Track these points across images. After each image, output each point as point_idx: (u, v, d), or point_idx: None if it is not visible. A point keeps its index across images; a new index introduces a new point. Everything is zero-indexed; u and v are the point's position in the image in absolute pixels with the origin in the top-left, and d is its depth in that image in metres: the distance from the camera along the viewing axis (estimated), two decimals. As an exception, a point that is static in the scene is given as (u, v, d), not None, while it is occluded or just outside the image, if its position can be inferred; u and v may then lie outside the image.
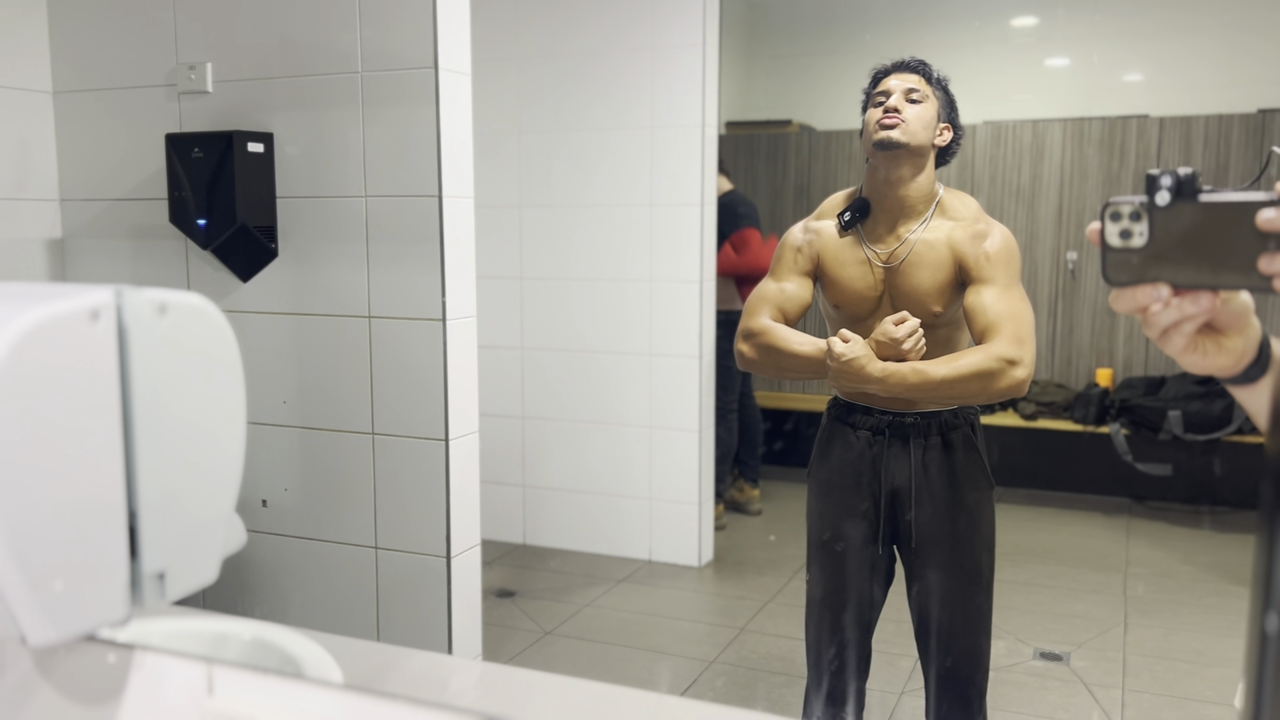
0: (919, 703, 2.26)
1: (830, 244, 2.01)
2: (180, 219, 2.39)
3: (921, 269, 1.93)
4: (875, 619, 2.05)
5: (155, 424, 0.71)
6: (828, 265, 2.00)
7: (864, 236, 1.98)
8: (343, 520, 2.40)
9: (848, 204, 2.00)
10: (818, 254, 2.01)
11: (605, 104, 3.72)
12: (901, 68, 1.95)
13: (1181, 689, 2.77)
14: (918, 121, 1.90)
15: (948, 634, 1.97)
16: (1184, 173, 0.68)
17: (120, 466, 0.69)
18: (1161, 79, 4.75)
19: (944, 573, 1.97)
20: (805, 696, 2.11)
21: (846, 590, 2.03)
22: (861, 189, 2.00)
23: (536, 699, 0.88)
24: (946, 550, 1.97)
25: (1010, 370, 1.82)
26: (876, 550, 2.00)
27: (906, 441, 1.97)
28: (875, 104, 1.94)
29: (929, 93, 1.93)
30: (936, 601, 1.98)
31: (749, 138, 5.11)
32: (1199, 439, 4.12)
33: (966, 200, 1.97)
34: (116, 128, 2.52)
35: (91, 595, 0.69)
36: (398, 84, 2.24)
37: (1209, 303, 0.70)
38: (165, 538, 0.72)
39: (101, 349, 0.67)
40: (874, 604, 2.04)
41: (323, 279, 2.36)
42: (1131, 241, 0.70)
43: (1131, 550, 3.87)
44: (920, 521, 1.96)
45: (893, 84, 1.93)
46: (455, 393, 2.29)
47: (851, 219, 1.98)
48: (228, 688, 0.73)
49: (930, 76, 1.94)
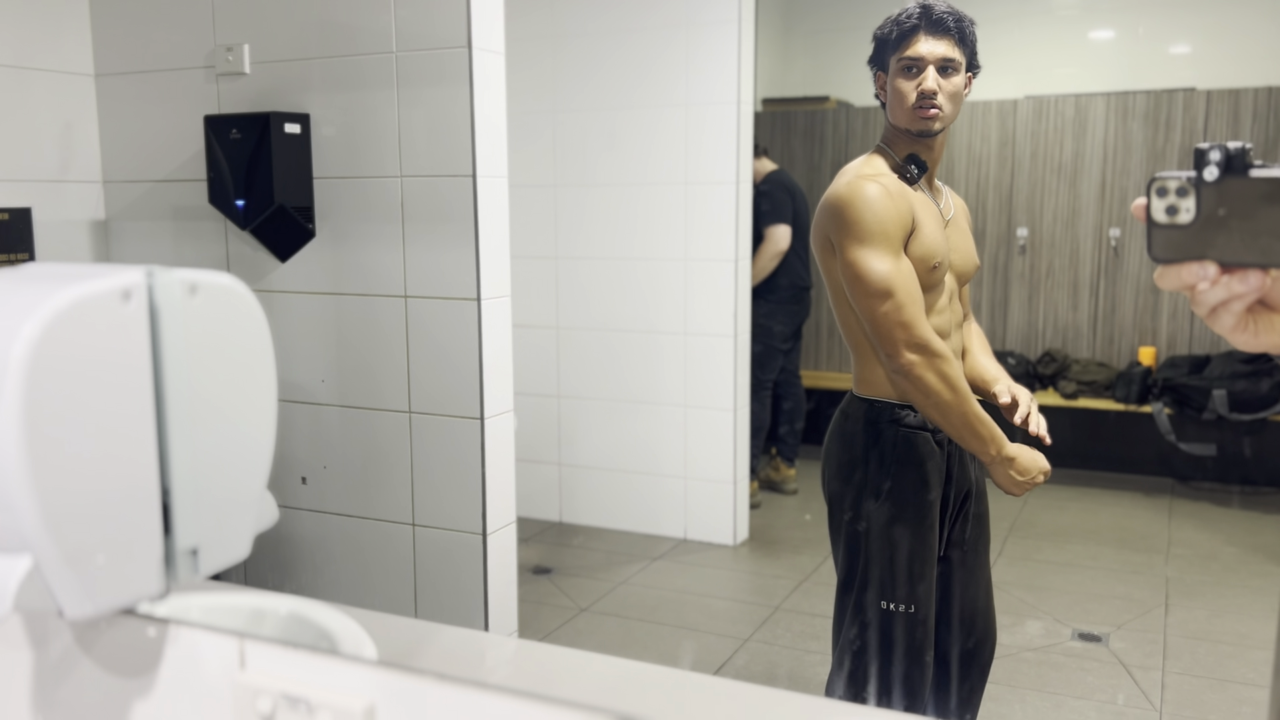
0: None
1: (915, 200, 1.79)
2: (219, 200, 2.42)
3: (960, 222, 1.91)
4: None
5: (187, 402, 0.72)
6: (922, 227, 1.77)
7: (926, 192, 1.85)
8: (380, 497, 2.43)
9: (895, 164, 1.82)
10: (912, 215, 1.77)
11: (640, 82, 3.70)
12: (934, 27, 1.75)
13: (1224, 671, 2.73)
14: (952, 101, 1.78)
15: (986, 617, 1.97)
16: (1234, 147, 0.66)
17: (153, 444, 0.70)
18: (1209, 51, 4.64)
19: (984, 558, 1.97)
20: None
21: (930, 602, 1.88)
22: (885, 145, 1.86)
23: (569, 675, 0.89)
24: (988, 539, 1.97)
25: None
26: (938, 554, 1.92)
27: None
28: (903, 70, 1.77)
29: (960, 55, 1.77)
30: (983, 591, 1.96)
31: (786, 114, 5.06)
32: (1244, 418, 4.05)
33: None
34: (157, 110, 2.56)
35: (126, 570, 0.70)
36: (432, 64, 2.24)
37: (1259, 281, 0.68)
38: (198, 514, 0.73)
39: (133, 329, 0.69)
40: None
41: (359, 259, 2.38)
42: (1178, 218, 0.68)
43: (1174, 531, 3.82)
44: (978, 513, 1.93)
45: (924, 50, 1.76)
46: (490, 372, 2.31)
47: (919, 172, 1.81)
48: (259, 662, 0.74)
49: (964, 36, 1.78)
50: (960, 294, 1.94)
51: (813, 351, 5.07)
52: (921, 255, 1.77)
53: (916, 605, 1.83)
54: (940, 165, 1.88)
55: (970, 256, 1.92)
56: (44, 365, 0.63)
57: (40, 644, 0.84)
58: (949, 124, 1.81)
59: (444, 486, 2.36)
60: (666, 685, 0.86)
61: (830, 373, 4.99)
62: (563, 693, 0.69)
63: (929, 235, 1.77)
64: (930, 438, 1.83)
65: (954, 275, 1.88)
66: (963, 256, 1.89)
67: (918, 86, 1.77)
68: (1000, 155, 4.63)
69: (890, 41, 1.80)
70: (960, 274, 1.89)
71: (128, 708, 0.80)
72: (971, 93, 1.85)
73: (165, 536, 0.72)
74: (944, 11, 1.77)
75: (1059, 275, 4.63)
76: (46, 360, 0.63)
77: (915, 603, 1.83)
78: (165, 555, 0.72)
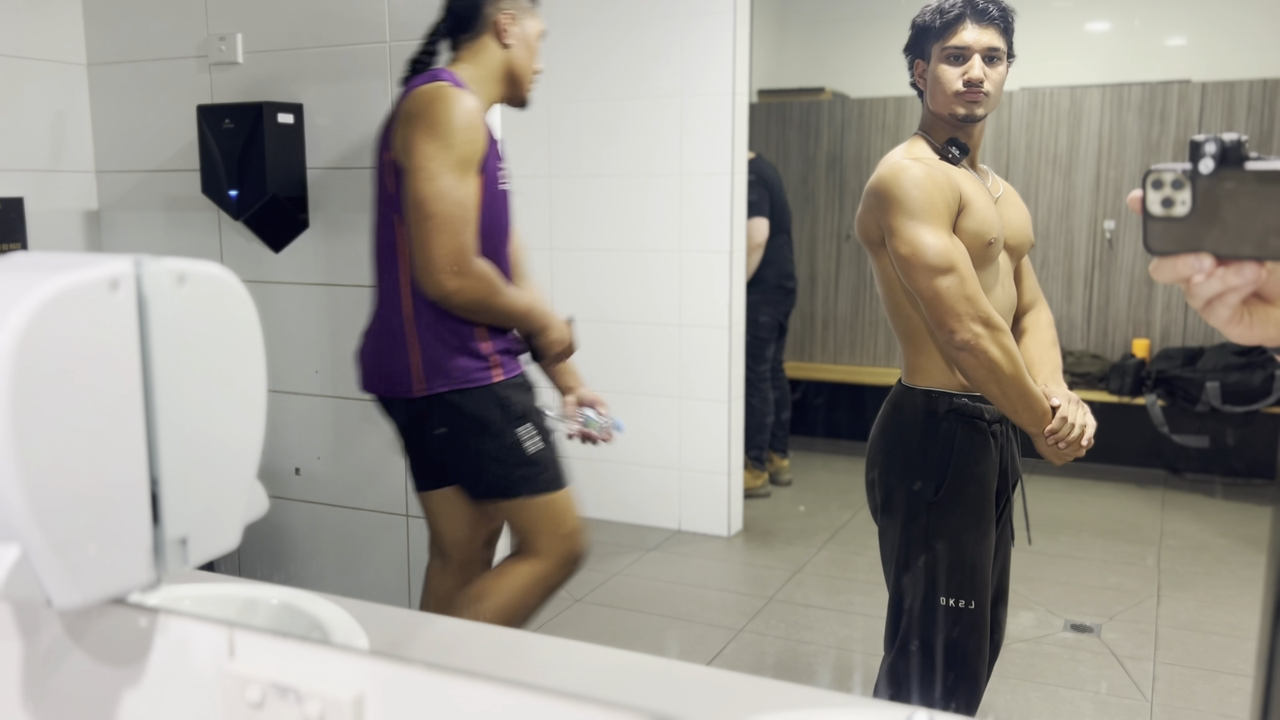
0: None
1: (962, 178, 1.78)
2: (212, 190, 2.41)
3: (1011, 202, 1.91)
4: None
5: (176, 392, 0.72)
6: (972, 203, 1.77)
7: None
8: (374, 488, 2.43)
9: (940, 146, 1.82)
10: (960, 190, 1.76)
11: (635, 72, 3.69)
12: (980, 16, 1.75)
13: (1214, 662, 2.74)
14: (997, 88, 1.78)
15: (1002, 612, 1.98)
16: (1229, 139, 0.66)
17: (142, 434, 0.70)
18: (1205, 43, 4.64)
19: (1009, 554, 1.98)
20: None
21: (989, 595, 1.87)
22: (925, 131, 1.84)
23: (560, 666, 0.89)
24: (1013, 533, 1.98)
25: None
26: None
27: (1013, 426, 1.89)
28: (949, 58, 1.76)
29: (1005, 45, 1.77)
30: (1005, 587, 1.98)
31: (781, 106, 5.05)
32: (1237, 410, 4.06)
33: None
34: (149, 99, 2.55)
35: (115, 560, 0.70)
36: (425, 53, 2.23)
37: (1254, 273, 0.68)
38: (187, 504, 0.73)
39: (121, 318, 0.68)
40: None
41: (353, 249, 2.38)
42: (1174, 210, 0.68)
43: (1166, 523, 3.83)
44: (1010, 511, 1.95)
45: (970, 39, 1.74)
46: (483, 363, 2.30)
47: (960, 154, 1.80)
48: (249, 652, 0.74)
49: (1008, 25, 1.78)
50: (1023, 277, 1.93)
51: (805, 343, 5.07)
52: (976, 231, 1.76)
53: (978, 600, 1.81)
54: (979, 148, 1.88)
55: (1024, 231, 1.91)
56: (31, 355, 0.63)
57: (30, 634, 0.84)
58: (992, 110, 1.81)
59: (438, 477, 2.36)
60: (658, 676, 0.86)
61: (821, 364, 5.00)
62: (553, 682, 0.69)
63: (981, 211, 1.77)
64: (987, 427, 1.82)
65: (1008, 253, 1.88)
66: (1016, 231, 1.89)
67: (964, 75, 1.76)
68: (995, 147, 4.63)
69: (933, 30, 1.78)
70: (1015, 249, 1.89)
71: (117, 697, 0.80)
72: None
73: (154, 526, 0.72)
74: (993, 3, 1.76)
75: (1053, 267, 4.64)
76: (33, 350, 0.63)
77: (976, 597, 1.81)
78: (154, 545, 0.72)
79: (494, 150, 1.94)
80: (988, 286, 1.80)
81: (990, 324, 1.72)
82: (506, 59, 1.97)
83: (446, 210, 1.84)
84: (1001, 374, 1.73)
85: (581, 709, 0.66)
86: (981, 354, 1.71)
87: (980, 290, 1.73)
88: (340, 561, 2.50)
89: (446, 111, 1.86)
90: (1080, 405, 1.81)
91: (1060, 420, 1.78)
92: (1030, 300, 1.97)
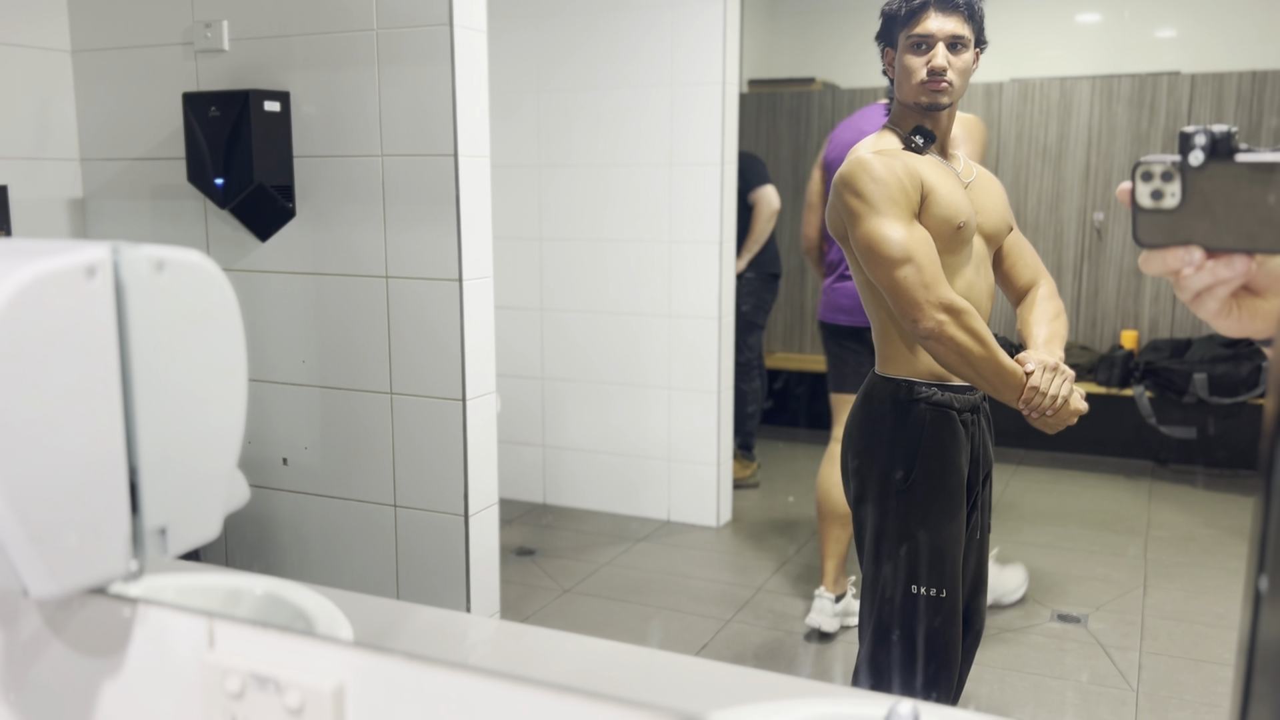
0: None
1: (924, 165, 1.79)
2: (198, 178, 2.40)
3: (985, 187, 1.91)
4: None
5: (154, 380, 0.71)
6: (936, 189, 1.78)
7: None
8: (362, 479, 2.42)
9: (905, 135, 1.84)
10: (920, 179, 1.77)
11: (625, 62, 3.68)
12: (943, 4, 1.77)
13: (1200, 652, 2.76)
14: (962, 76, 1.80)
15: (980, 602, 1.98)
16: (1219, 130, 0.65)
17: (120, 422, 0.70)
18: (1194, 35, 4.64)
19: (986, 545, 1.98)
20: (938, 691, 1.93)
21: (960, 584, 1.88)
22: (893, 122, 1.87)
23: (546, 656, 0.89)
24: (990, 525, 1.99)
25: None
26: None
27: (986, 416, 1.91)
28: (913, 47, 1.79)
29: (969, 33, 1.78)
30: (983, 578, 1.98)
31: (771, 96, 5.04)
32: (1224, 402, 4.08)
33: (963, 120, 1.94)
34: (135, 87, 2.53)
35: (93, 550, 0.69)
36: (413, 41, 2.22)
37: (1244, 266, 0.67)
38: (166, 493, 0.73)
39: (98, 305, 0.68)
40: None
41: (340, 239, 2.37)
42: (1163, 202, 0.67)
43: (1153, 513, 3.85)
44: (986, 501, 1.94)
45: (934, 28, 1.77)
46: (472, 353, 2.30)
47: (926, 141, 1.82)
48: (229, 642, 0.74)
49: (972, 12, 1.79)
50: (1019, 256, 1.94)
51: (794, 334, 5.07)
52: (943, 216, 1.78)
53: (949, 589, 1.82)
54: (949, 140, 1.88)
55: (999, 216, 1.91)
56: (5, 342, 0.62)
57: (9, 624, 0.83)
58: (957, 99, 1.83)
59: (426, 468, 2.35)
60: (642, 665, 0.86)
61: (809, 355, 5.00)
62: (536, 673, 0.69)
63: (946, 197, 1.78)
64: (957, 416, 1.83)
65: (983, 238, 1.88)
66: (991, 216, 1.89)
67: (928, 63, 1.78)
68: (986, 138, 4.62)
69: (899, 18, 1.81)
70: (990, 235, 1.90)
71: (97, 688, 0.80)
72: (978, 69, 1.86)
73: (133, 516, 0.71)
74: None
75: (1043, 258, 4.63)
76: (8, 337, 0.62)
77: (948, 585, 1.82)
78: (133, 535, 0.72)
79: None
80: (959, 270, 1.82)
81: (952, 309, 1.73)
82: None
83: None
84: (972, 356, 1.74)
85: (564, 699, 0.66)
86: (948, 340, 1.73)
87: (940, 277, 1.74)
88: (328, 552, 2.49)
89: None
90: (1059, 372, 1.77)
91: (1031, 391, 1.75)
92: (1031, 278, 1.99)
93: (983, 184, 1.91)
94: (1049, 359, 1.77)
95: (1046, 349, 1.85)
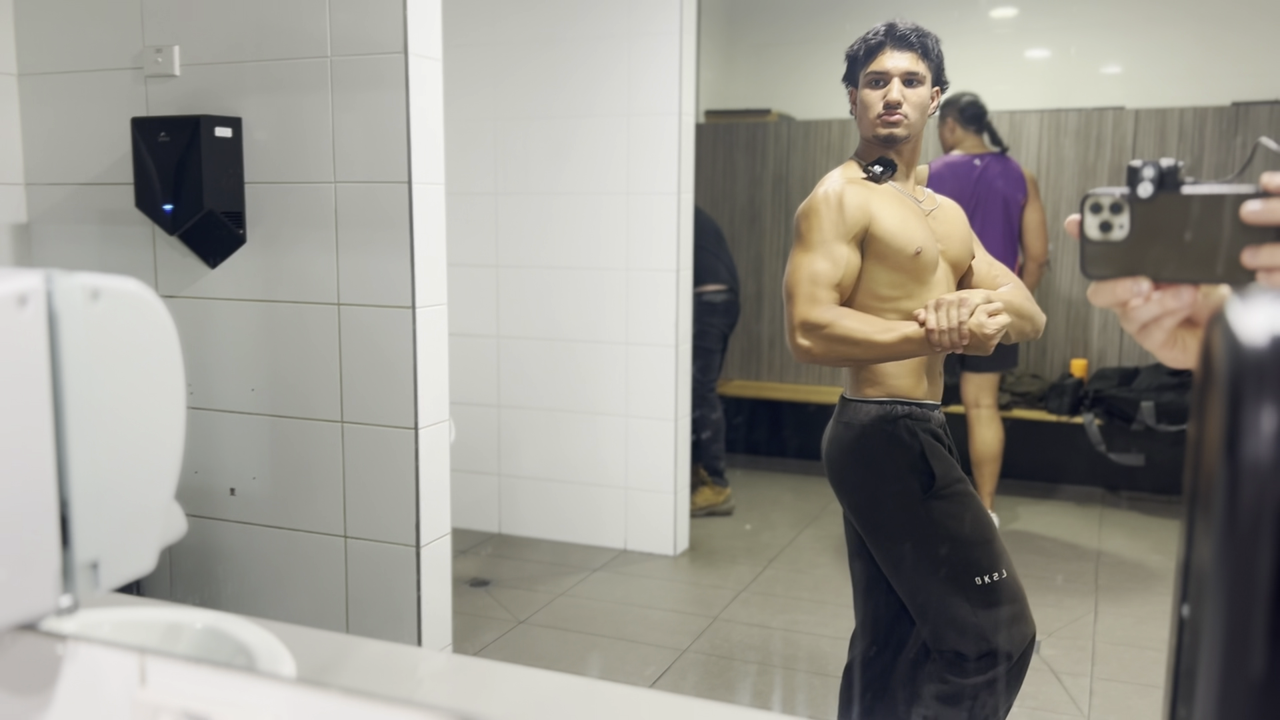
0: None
1: (878, 195, 1.88)
2: (146, 204, 2.36)
3: (949, 215, 1.98)
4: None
5: (88, 412, 0.69)
6: (885, 218, 1.86)
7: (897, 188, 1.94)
8: (311, 509, 2.39)
9: (865, 166, 1.92)
10: (868, 209, 1.86)
11: (582, 90, 3.70)
12: (899, 43, 1.88)
13: (1149, 677, 2.79)
14: (917, 110, 1.89)
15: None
16: (1166, 164, 0.66)
17: (51, 455, 0.68)
18: (1138, 71, 4.77)
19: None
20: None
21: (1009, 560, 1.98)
22: (858, 155, 1.96)
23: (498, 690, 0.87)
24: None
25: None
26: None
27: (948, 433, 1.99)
28: (871, 83, 1.89)
29: (924, 69, 1.89)
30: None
31: (728, 126, 5.09)
32: (1171, 429, 4.15)
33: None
34: (82, 111, 2.49)
35: (22, 585, 0.68)
36: (368, 69, 2.22)
37: (1190, 297, 0.68)
38: (99, 527, 0.71)
39: (30, 335, 0.66)
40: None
41: (291, 265, 2.34)
42: (1112, 234, 0.68)
43: (1104, 540, 3.90)
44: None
45: (889, 64, 1.87)
46: (425, 381, 2.28)
47: (884, 171, 1.90)
48: (162, 679, 0.72)
49: (927, 51, 1.89)
50: (988, 282, 1.99)
51: (751, 361, 5.10)
52: (891, 243, 1.86)
53: (1007, 567, 1.88)
54: (912, 175, 1.97)
55: (961, 244, 1.98)
56: (-70, 372, 0.61)
57: (-66, 662, 0.80)
58: (915, 132, 1.92)
59: (377, 498, 2.33)
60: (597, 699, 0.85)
61: (767, 383, 5.02)
62: (489, 708, 0.68)
63: (895, 222, 1.87)
64: (936, 439, 1.91)
65: (949, 264, 1.95)
66: (953, 244, 1.96)
67: (884, 97, 1.88)
68: (937, 170, 4.70)
69: (859, 58, 1.92)
70: (954, 261, 1.97)
71: (25, 728, 0.77)
72: (939, 107, 1.97)
73: (63, 549, 0.70)
74: (908, 28, 1.89)
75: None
76: (-67, 367, 0.61)
77: (1006, 566, 1.88)
78: (63, 569, 0.70)
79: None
80: (923, 295, 1.88)
81: (809, 325, 1.83)
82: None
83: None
84: (854, 357, 1.84)
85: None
86: (823, 357, 1.84)
87: (809, 299, 1.83)
88: (275, 584, 2.45)
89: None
90: (954, 304, 1.75)
91: (930, 333, 1.76)
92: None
93: (946, 214, 1.99)
94: (947, 297, 1.79)
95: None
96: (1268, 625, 0.38)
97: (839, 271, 1.85)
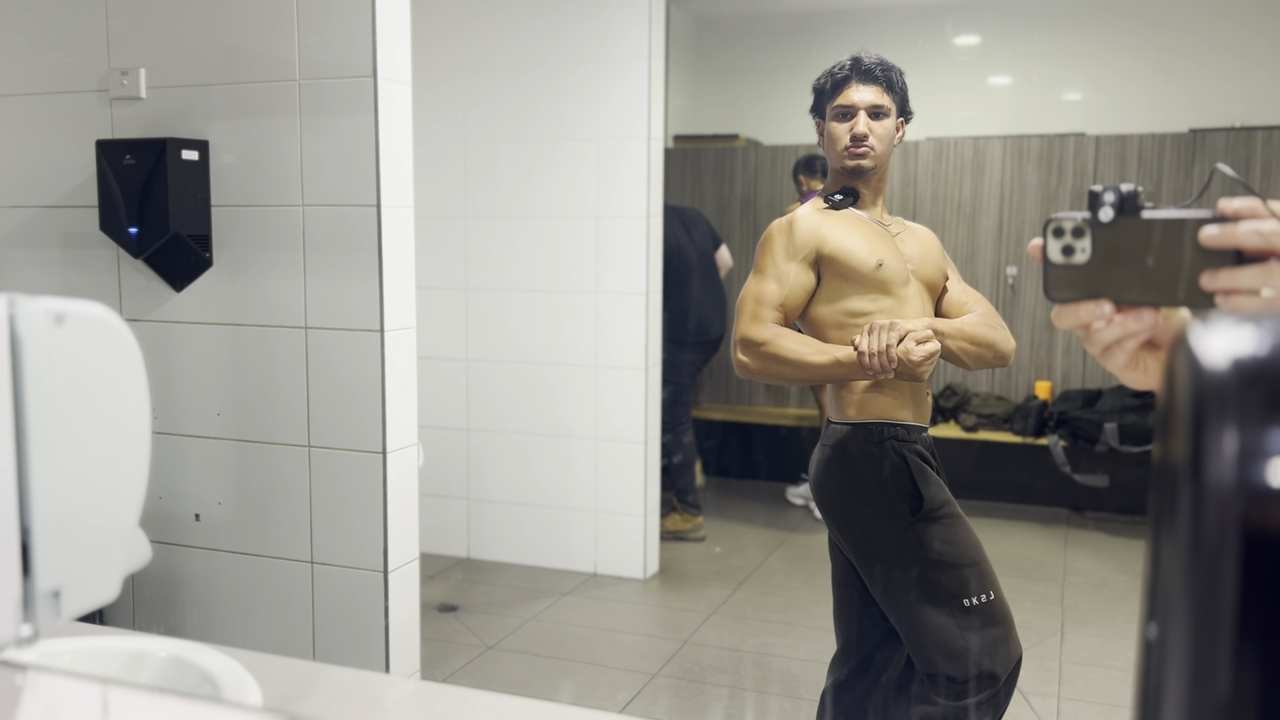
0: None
1: (834, 219, 1.93)
2: (111, 227, 2.34)
3: (918, 237, 2.01)
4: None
5: (50, 438, 0.68)
6: (838, 237, 1.91)
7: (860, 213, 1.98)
8: (278, 535, 2.36)
9: (827, 196, 1.97)
10: (819, 231, 1.91)
11: (551, 115, 3.71)
12: (864, 76, 1.92)
13: (1115, 696, 2.81)
14: (883, 142, 1.94)
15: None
16: (1127, 189, 0.68)
17: (12, 481, 0.67)
18: (1099, 98, 4.86)
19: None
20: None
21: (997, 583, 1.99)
22: (825, 184, 2.02)
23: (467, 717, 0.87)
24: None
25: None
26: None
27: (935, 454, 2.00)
28: (838, 116, 1.93)
29: (889, 102, 1.93)
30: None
31: (696, 151, 5.13)
32: (1134, 450, 4.20)
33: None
34: (46, 133, 2.47)
35: (-20, 615, 0.66)
36: (336, 92, 2.21)
37: (1151, 319, 0.69)
38: (61, 555, 0.70)
39: (-8, 360, 0.65)
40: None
41: (258, 289, 2.33)
42: (1074, 258, 0.69)
43: (1069, 560, 3.93)
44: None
45: (855, 98, 1.92)
46: (393, 405, 2.26)
47: (844, 199, 1.95)
48: (125, 709, 0.71)
49: (891, 84, 1.93)
50: (959, 307, 2.00)
51: (721, 385, 5.11)
52: (849, 259, 1.90)
53: (995, 589, 1.89)
54: (878, 203, 2.01)
55: (930, 263, 2.00)
56: (-111, 398, 0.60)
57: (-113, 695, 0.78)
58: (881, 163, 1.97)
59: (344, 523, 2.30)
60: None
61: (736, 405, 5.03)
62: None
63: (851, 239, 1.91)
64: (924, 463, 1.91)
65: (923, 284, 1.98)
66: (922, 264, 1.99)
67: (850, 130, 1.93)
68: (903, 195, 4.76)
69: (826, 91, 1.97)
70: (928, 282, 1.99)
71: (-18, 762, 0.75)
72: (904, 137, 2.02)
73: (24, 578, 0.68)
74: (873, 62, 1.94)
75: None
76: (-108, 393, 0.60)
77: (994, 587, 1.89)
78: (24, 598, 0.68)
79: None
80: (899, 313, 1.90)
81: (747, 342, 1.88)
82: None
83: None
84: (788, 376, 1.89)
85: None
86: (759, 373, 1.89)
87: (749, 317, 1.89)
88: (241, 611, 2.41)
89: None
90: (884, 329, 1.77)
91: (861, 356, 1.78)
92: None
93: (916, 235, 2.03)
94: (879, 321, 1.80)
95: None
96: (1233, 646, 0.38)
97: (784, 291, 1.90)
